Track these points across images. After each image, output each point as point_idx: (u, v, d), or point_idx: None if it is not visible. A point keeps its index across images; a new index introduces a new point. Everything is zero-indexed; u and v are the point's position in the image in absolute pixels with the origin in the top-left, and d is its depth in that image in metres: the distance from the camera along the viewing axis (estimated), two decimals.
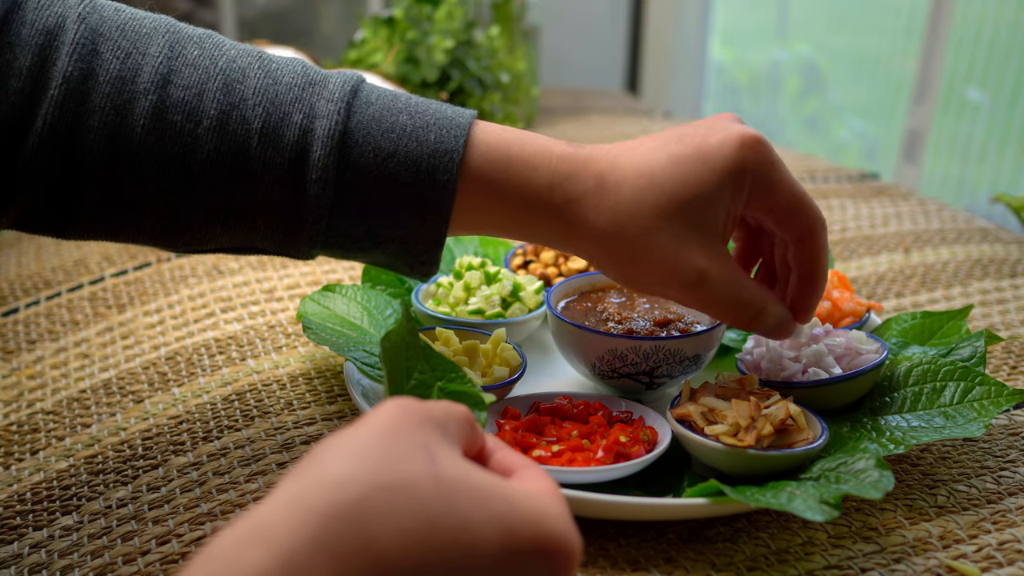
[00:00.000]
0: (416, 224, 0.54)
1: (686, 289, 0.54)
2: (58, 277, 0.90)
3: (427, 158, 0.52)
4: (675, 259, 0.52)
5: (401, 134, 0.53)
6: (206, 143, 0.51)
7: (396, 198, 0.53)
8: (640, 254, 0.53)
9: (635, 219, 0.52)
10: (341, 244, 0.55)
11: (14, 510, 0.58)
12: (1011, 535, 0.53)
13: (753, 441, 0.53)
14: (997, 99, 2.19)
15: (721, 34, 2.63)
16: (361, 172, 0.52)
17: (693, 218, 0.52)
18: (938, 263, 0.95)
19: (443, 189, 0.52)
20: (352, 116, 0.53)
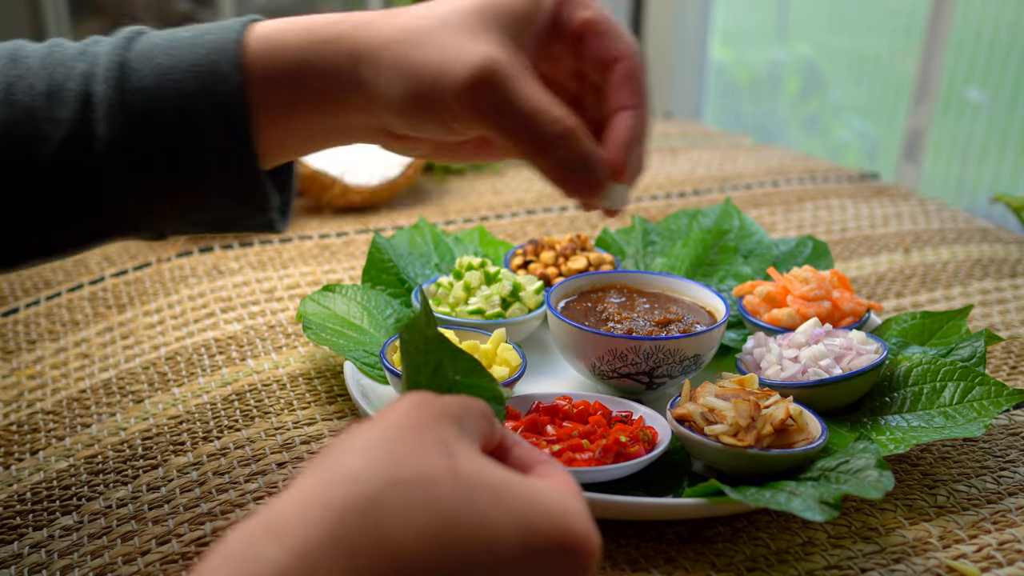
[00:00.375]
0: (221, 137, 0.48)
1: (466, 84, 0.45)
2: (58, 277, 0.90)
3: (206, 57, 0.48)
4: (458, 48, 0.45)
5: (180, 47, 0.49)
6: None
7: (189, 110, 0.48)
8: (420, 51, 0.46)
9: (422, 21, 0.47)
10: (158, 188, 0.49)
11: (14, 510, 0.58)
12: (1011, 535, 0.53)
13: (753, 441, 0.53)
14: (997, 99, 2.19)
15: (721, 34, 2.63)
16: (145, 93, 0.48)
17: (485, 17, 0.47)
18: (938, 263, 0.95)
19: (228, 81, 0.47)
20: (132, 48, 0.49)
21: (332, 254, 0.94)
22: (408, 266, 0.79)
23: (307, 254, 0.93)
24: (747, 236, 0.85)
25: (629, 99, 0.48)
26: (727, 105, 2.74)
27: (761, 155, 1.34)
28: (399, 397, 0.37)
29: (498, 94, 0.45)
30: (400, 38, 0.47)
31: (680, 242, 0.82)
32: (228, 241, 0.96)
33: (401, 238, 0.84)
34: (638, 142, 0.48)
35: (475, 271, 0.73)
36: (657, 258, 0.83)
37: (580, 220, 1.06)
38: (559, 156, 0.45)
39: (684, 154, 1.34)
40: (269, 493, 0.57)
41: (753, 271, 0.80)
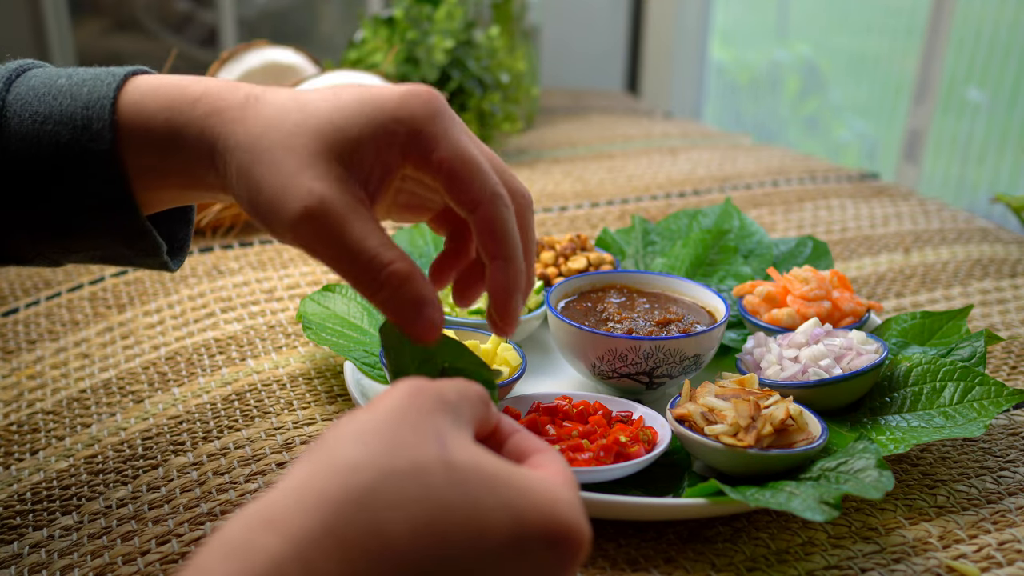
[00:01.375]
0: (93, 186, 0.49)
1: (293, 219, 0.44)
2: (58, 277, 0.90)
3: (81, 110, 0.48)
4: (291, 179, 0.45)
5: (57, 95, 0.49)
6: None
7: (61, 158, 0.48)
8: (258, 170, 0.46)
9: (267, 134, 0.46)
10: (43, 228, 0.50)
11: (14, 510, 0.58)
12: (1011, 535, 0.53)
13: (753, 441, 0.53)
14: (997, 99, 2.19)
15: (721, 34, 2.63)
16: (23, 141, 0.48)
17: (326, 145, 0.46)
18: (938, 263, 0.95)
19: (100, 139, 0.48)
20: (13, 89, 0.50)
21: None
22: None
23: (307, 254, 0.93)
24: (747, 236, 0.85)
25: (495, 249, 0.47)
26: (727, 105, 2.75)
27: (761, 155, 1.34)
28: (394, 384, 0.37)
29: (326, 234, 0.44)
30: (246, 147, 0.46)
31: (680, 242, 0.82)
32: (228, 241, 0.96)
33: (401, 238, 0.84)
34: (513, 293, 0.47)
35: None
36: (657, 258, 0.83)
37: (580, 220, 1.06)
38: (388, 299, 0.44)
39: (684, 154, 1.34)
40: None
41: (753, 271, 0.80)
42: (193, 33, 2.30)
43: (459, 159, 0.46)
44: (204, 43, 2.29)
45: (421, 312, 0.44)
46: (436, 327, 0.45)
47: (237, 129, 0.47)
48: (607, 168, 1.27)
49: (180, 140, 0.48)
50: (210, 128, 0.48)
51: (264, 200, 0.45)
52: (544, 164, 1.30)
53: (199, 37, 2.30)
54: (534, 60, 1.54)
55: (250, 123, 0.47)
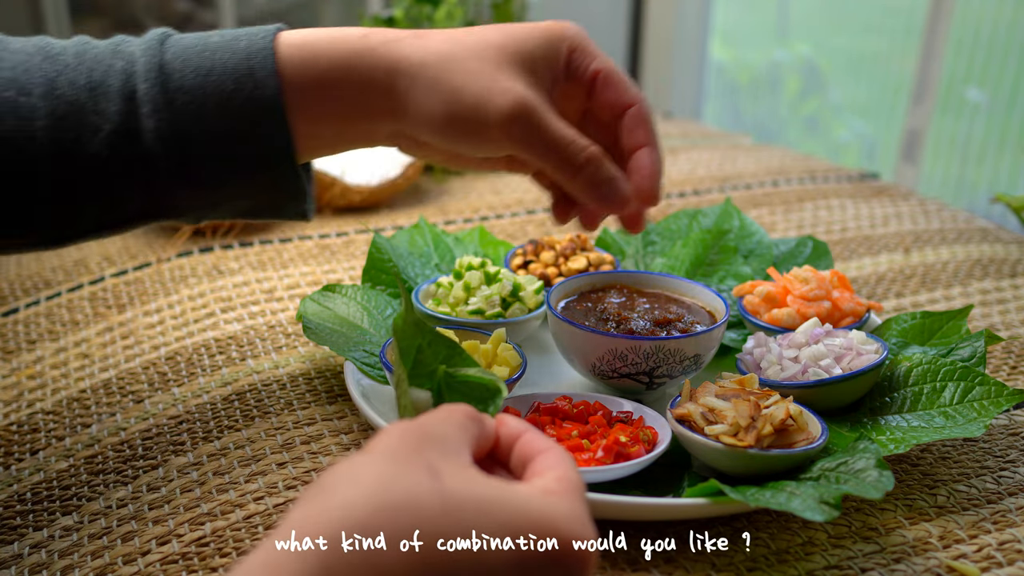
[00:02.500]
0: (259, 133, 0.53)
1: (504, 117, 0.51)
2: (58, 277, 0.90)
3: (243, 61, 0.53)
4: (493, 80, 0.51)
5: (215, 50, 0.53)
6: (41, 110, 0.52)
7: (229, 108, 0.53)
8: (457, 76, 0.52)
9: (455, 49, 0.53)
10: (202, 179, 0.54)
11: (14, 510, 0.58)
12: (1011, 535, 0.53)
13: (753, 441, 0.53)
14: (996, 99, 2.19)
15: (721, 34, 2.63)
16: (188, 93, 0.52)
17: (511, 57, 0.53)
18: (938, 263, 0.95)
19: (266, 83, 0.52)
20: (166, 50, 0.53)
21: (332, 254, 0.94)
22: (408, 266, 0.79)
23: (307, 254, 0.93)
24: (747, 236, 0.85)
25: (645, 139, 0.56)
26: (727, 105, 2.75)
27: (761, 155, 1.34)
28: (384, 427, 0.38)
29: (532, 127, 0.52)
30: (435, 61, 0.52)
31: (680, 242, 0.82)
32: (228, 241, 0.96)
33: (401, 238, 0.84)
34: (660, 173, 0.56)
35: (475, 271, 0.73)
36: (657, 258, 0.83)
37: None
38: (588, 178, 0.53)
39: (684, 154, 1.34)
40: (269, 493, 0.57)
41: (753, 271, 0.80)
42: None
43: (613, 69, 0.56)
44: None
45: (618, 185, 0.54)
46: (628, 198, 0.55)
47: (419, 49, 0.53)
48: None
49: (352, 70, 0.53)
50: (388, 53, 0.53)
51: (467, 104, 0.52)
52: None
53: None
54: None
55: (431, 44, 0.53)
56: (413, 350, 0.51)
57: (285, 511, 0.55)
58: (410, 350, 0.51)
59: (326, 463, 0.60)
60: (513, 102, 0.51)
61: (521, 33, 0.54)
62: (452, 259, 0.83)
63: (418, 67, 0.52)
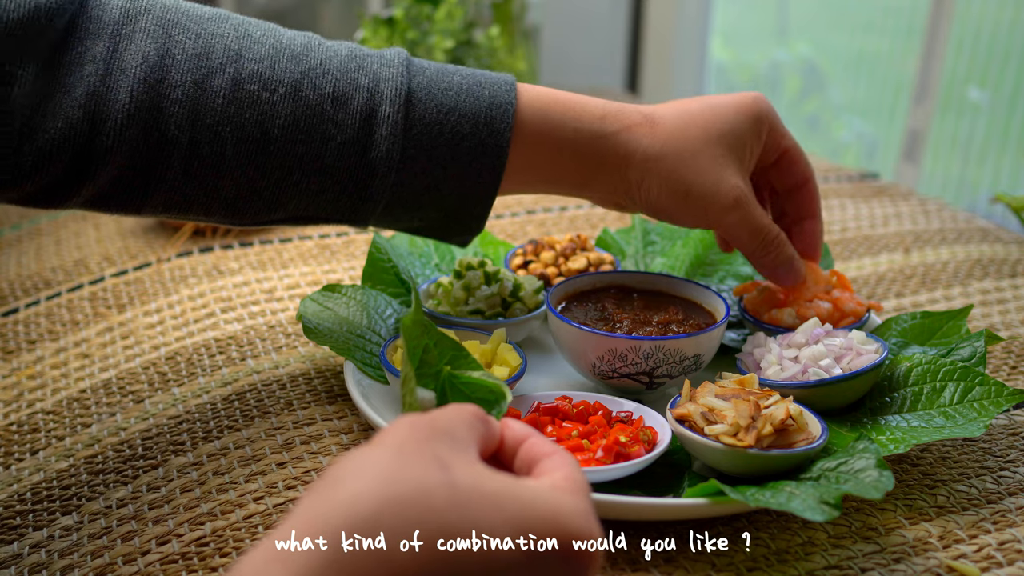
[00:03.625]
0: (475, 173, 0.59)
1: (725, 209, 0.61)
2: (58, 277, 0.90)
3: (484, 110, 0.58)
4: (719, 178, 0.60)
5: (459, 91, 0.59)
6: (282, 109, 0.56)
7: (458, 149, 0.58)
8: (688, 174, 0.60)
9: (683, 143, 0.60)
10: (404, 200, 0.59)
11: (14, 510, 0.58)
12: (1011, 535, 0.53)
13: (753, 441, 0.53)
14: (997, 99, 2.19)
15: (721, 34, 2.63)
16: (426, 127, 0.57)
17: (729, 147, 0.61)
18: (938, 263, 0.95)
19: (500, 136, 0.58)
20: (413, 78, 0.58)
21: (332, 254, 0.94)
22: (408, 266, 0.79)
23: (307, 254, 0.93)
24: None
25: (813, 210, 0.68)
26: None
27: None
28: (394, 420, 0.38)
29: (744, 217, 0.62)
30: (667, 155, 0.60)
31: (680, 242, 0.82)
32: (228, 241, 0.96)
33: (401, 238, 0.84)
34: (822, 240, 0.69)
35: (475, 271, 0.73)
36: (657, 258, 0.83)
37: (580, 220, 1.06)
38: (775, 258, 0.65)
39: None
40: (269, 493, 0.57)
41: (753, 271, 0.80)
42: None
43: (797, 147, 0.66)
44: None
45: (795, 265, 0.66)
46: (802, 273, 0.67)
47: (653, 142, 0.61)
48: None
49: (587, 154, 0.60)
50: (623, 143, 0.61)
51: (696, 195, 0.61)
52: None
53: None
54: (534, 60, 1.54)
55: (662, 135, 0.61)
56: (419, 350, 0.51)
57: (285, 511, 0.55)
58: (416, 350, 0.51)
59: (326, 463, 0.60)
60: (735, 199, 0.61)
61: (731, 115, 0.62)
62: (452, 259, 0.83)
63: (652, 162, 0.60)
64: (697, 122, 0.61)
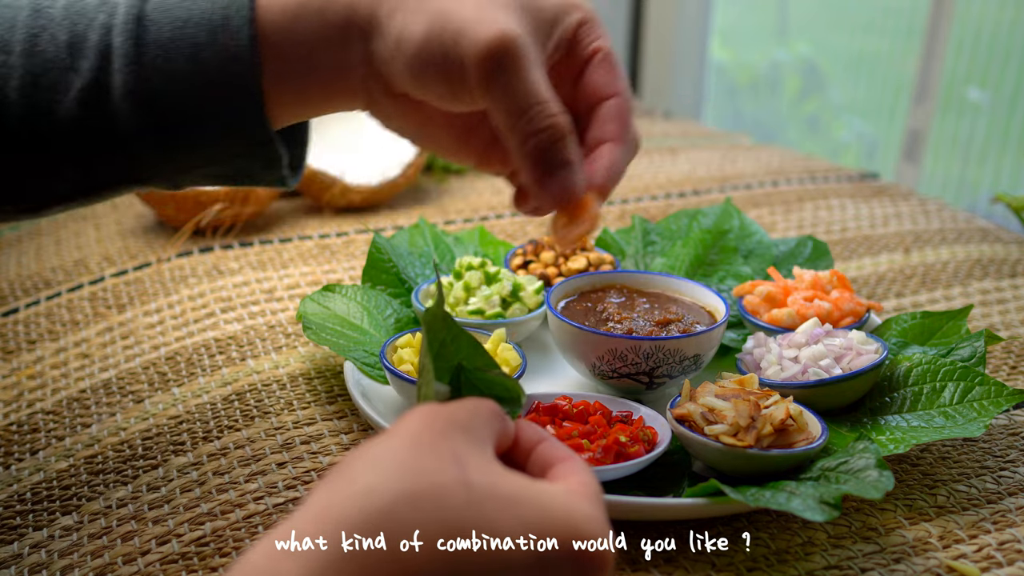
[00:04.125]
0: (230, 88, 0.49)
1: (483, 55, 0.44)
2: (58, 277, 0.90)
3: (220, 9, 0.49)
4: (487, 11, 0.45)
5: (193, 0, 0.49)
6: (18, 68, 0.49)
7: (200, 61, 0.48)
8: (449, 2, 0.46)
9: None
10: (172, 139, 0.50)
11: (14, 510, 0.58)
12: (1011, 535, 0.53)
13: (753, 441, 0.53)
14: (997, 99, 2.19)
15: (721, 34, 2.63)
16: (162, 47, 0.49)
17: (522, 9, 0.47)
18: (938, 263, 0.95)
19: (238, 34, 0.48)
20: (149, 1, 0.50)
21: (332, 254, 0.94)
22: (408, 266, 0.79)
23: (307, 254, 0.93)
24: (747, 236, 0.85)
25: (619, 133, 0.49)
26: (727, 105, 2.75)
27: (761, 155, 1.34)
28: (410, 410, 0.37)
29: (511, 68, 0.44)
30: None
31: (680, 242, 0.82)
32: (228, 241, 0.96)
33: (401, 238, 0.84)
34: (620, 173, 0.49)
35: (475, 271, 0.73)
36: (657, 258, 0.83)
37: None
38: (545, 150, 0.45)
39: (684, 154, 1.34)
40: (269, 493, 0.57)
41: (753, 271, 0.80)
42: None
43: (612, 52, 0.50)
44: None
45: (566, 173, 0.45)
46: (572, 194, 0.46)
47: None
48: None
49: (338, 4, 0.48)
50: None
51: (451, 28, 0.45)
52: None
53: None
54: None
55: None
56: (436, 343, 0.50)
57: (285, 511, 0.55)
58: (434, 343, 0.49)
59: (326, 463, 0.60)
60: (499, 32, 0.44)
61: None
62: (452, 259, 0.83)
63: None
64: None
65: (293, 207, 1.08)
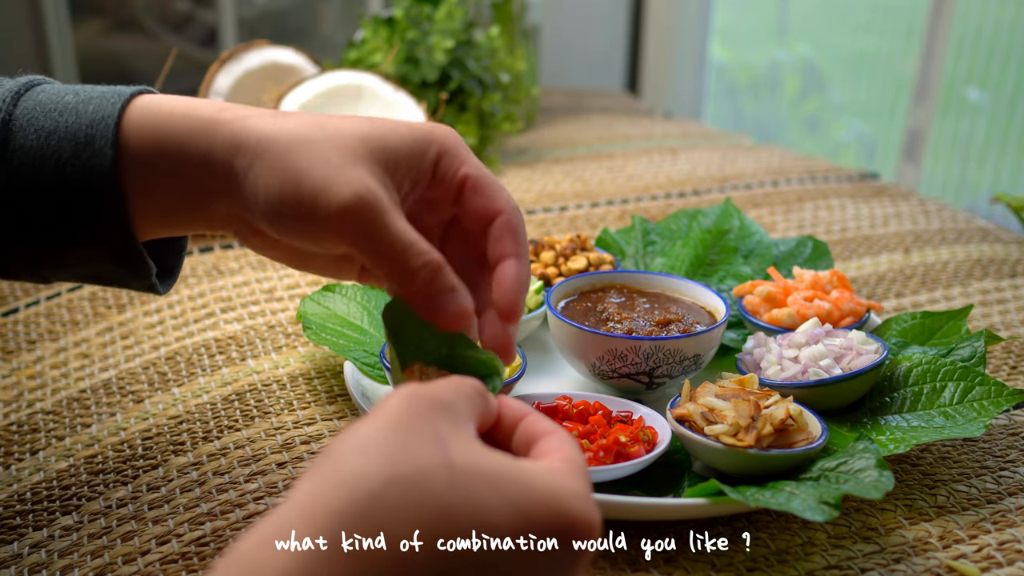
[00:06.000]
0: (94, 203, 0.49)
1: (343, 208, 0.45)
2: None
3: (85, 127, 0.49)
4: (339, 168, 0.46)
5: (63, 111, 0.50)
6: None
7: (64, 175, 0.49)
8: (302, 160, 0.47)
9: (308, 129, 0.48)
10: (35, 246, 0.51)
11: (14, 510, 0.58)
12: (1011, 535, 0.53)
13: (753, 441, 0.53)
14: (997, 99, 2.19)
15: (721, 34, 2.63)
16: (28, 154, 0.49)
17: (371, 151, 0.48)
18: (938, 263, 0.95)
19: (101, 156, 0.49)
20: (20, 104, 0.50)
21: None
22: None
23: None
24: (747, 236, 0.85)
25: (512, 249, 0.50)
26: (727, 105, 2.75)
27: (761, 155, 1.34)
28: (391, 391, 0.38)
29: (368, 224, 0.46)
30: (284, 141, 0.47)
31: (680, 242, 0.82)
32: (228, 241, 0.96)
33: None
34: (524, 287, 0.50)
35: None
36: (657, 258, 0.83)
37: (580, 220, 1.06)
38: (423, 286, 0.47)
39: (684, 154, 1.34)
40: (269, 493, 0.57)
41: (753, 271, 0.80)
42: (193, 33, 2.30)
43: (484, 175, 0.51)
44: (204, 43, 2.29)
45: (453, 298, 0.47)
46: (466, 313, 0.47)
47: (270, 127, 0.48)
48: (607, 168, 1.27)
49: (194, 143, 0.49)
50: (236, 128, 0.49)
51: (306, 189, 0.46)
52: (544, 164, 1.30)
53: (199, 37, 2.30)
54: (534, 60, 1.54)
55: (287, 124, 0.48)
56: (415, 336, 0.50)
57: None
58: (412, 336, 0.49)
59: None
60: (353, 195, 0.45)
61: (388, 127, 0.50)
62: None
63: (264, 144, 0.48)
64: (342, 121, 0.50)
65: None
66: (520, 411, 0.42)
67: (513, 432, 0.41)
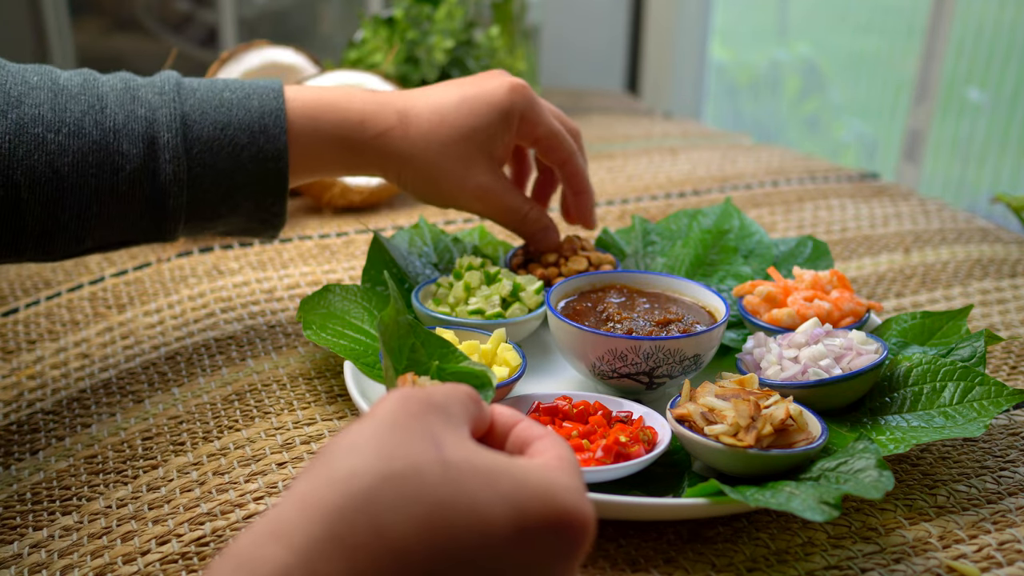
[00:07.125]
0: (262, 179, 0.65)
1: (472, 201, 0.71)
2: (58, 277, 0.90)
3: (257, 120, 0.65)
4: (464, 176, 0.70)
5: (230, 107, 0.65)
6: (69, 147, 0.60)
7: (240, 159, 0.64)
8: (437, 173, 0.69)
9: (434, 145, 0.68)
10: (202, 214, 0.65)
11: (14, 510, 0.58)
12: (1011, 535, 0.53)
13: (753, 441, 0.53)
14: (997, 99, 2.19)
15: (721, 34, 2.63)
16: (206, 144, 0.63)
17: (479, 144, 0.69)
18: (938, 263, 0.95)
19: (277, 141, 0.65)
20: (184, 101, 0.64)
21: (332, 254, 0.94)
22: (408, 266, 0.79)
23: (307, 254, 0.93)
24: (747, 236, 0.85)
25: (579, 186, 0.77)
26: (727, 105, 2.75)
27: (761, 155, 1.34)
28: (385, 393, 0.38)
29: (493, 204, 0.72)
30: (416, 156, 0.69)
31: (680, 242, 0.82)
32: (228, 241, 0.96)
33: (401, 238, 0.84)
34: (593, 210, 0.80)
35: (475, 271, 0.73)
36: (657, 258, 0.83)
37: None
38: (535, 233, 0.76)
39: (684, 154, 1.34)
40: (269, 493, 0.57)
41: (753, 271, 0.80)
42: (193, 33, 2.30)
43: (552, 135, 0.73)
44: (204, 43, 2.29)
45: (548, 235, 0.77)
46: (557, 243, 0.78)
47: (404, 145, 0.69)
48: (607, 168, 1.27)
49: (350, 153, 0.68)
50: (382, 147, 0.69)
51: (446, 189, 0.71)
52: None
53: (199, 37, 2.30)
54: (534, 60, 1.54)
55: (412, 137, 0.68)
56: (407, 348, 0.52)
57: None
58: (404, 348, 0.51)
59: None
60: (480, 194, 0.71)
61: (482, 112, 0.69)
62: (452, 259, 0.83)
63: (406, 161, 0.69)
64: (448, 120, 0.68)
65: (293, 207, 1.08)
66: (512, 418, 0.42)
67: (506, 438, 0.42)
